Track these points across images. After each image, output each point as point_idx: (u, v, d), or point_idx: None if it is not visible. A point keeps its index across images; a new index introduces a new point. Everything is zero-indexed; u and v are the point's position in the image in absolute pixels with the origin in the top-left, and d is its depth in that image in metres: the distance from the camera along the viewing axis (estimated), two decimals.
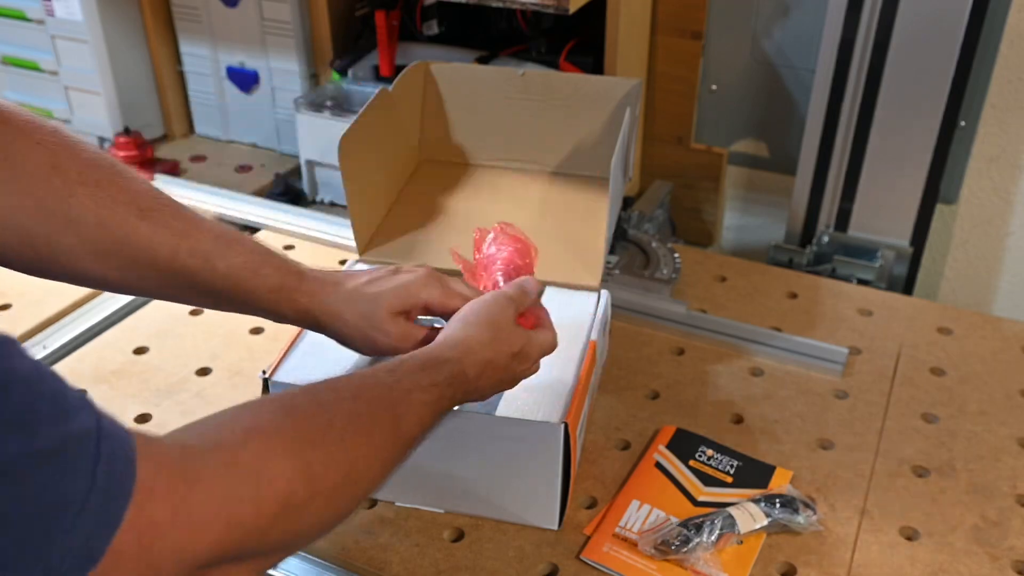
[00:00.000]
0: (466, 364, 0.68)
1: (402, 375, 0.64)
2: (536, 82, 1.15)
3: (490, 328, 0.72)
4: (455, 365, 0.67)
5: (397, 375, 0.64)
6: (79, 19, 1.49)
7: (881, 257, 1.26)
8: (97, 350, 1.08)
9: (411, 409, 0.62)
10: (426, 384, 0.64)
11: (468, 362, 0.69)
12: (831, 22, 1.18)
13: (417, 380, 0.64)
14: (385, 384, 0.62)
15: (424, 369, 0.65)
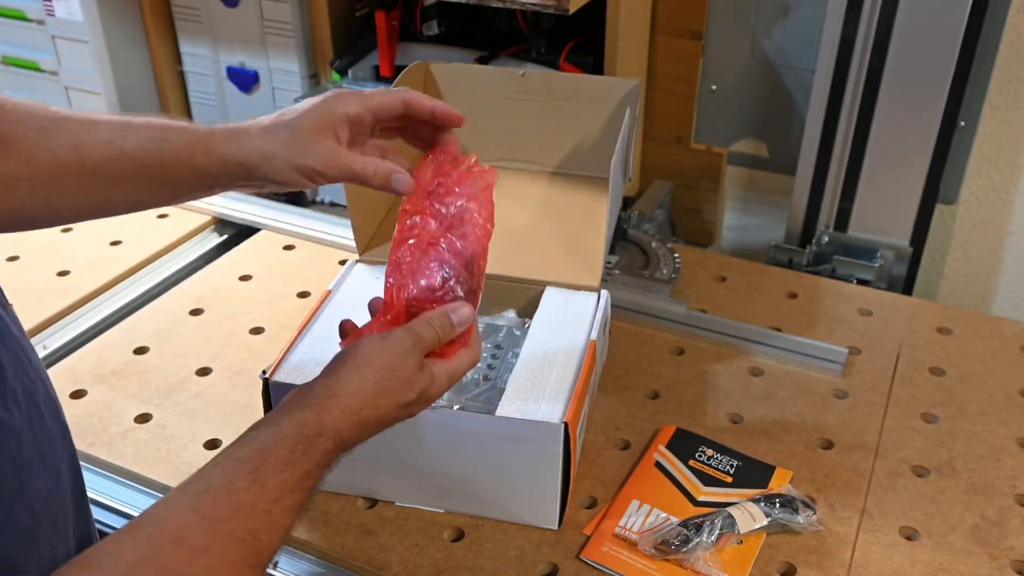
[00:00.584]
0: (344, 429, 0.62)
1: (267, 476, 0.56)
2: (536, 82, 1.15)
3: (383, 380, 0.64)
4: (329, 440, 0.61)
5: (261, 480, 0.56)
6: (79, 19, 1.49)
7: (881, 257, 1.26)
8: (97, 350, 1.08)
9: (275, 526, 0.56)
10: (295, 481, 0.57)
11: (346, 426, 0.62)
12: (831, 22, 1.18)
13: (284, 480, 0.57)
14: (246, 504, 0.55)
15: (292, 462, 0.58)
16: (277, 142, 0.69)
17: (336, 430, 0.61)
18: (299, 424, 0.60)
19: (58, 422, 0.56)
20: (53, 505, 0.53)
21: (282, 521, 0.56)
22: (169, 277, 1.24)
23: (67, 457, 0.56)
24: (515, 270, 0.99)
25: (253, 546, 0.54)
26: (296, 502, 0.57)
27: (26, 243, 1.27)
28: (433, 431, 0.81)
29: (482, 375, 0.91)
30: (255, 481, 0.56)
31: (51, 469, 0.53)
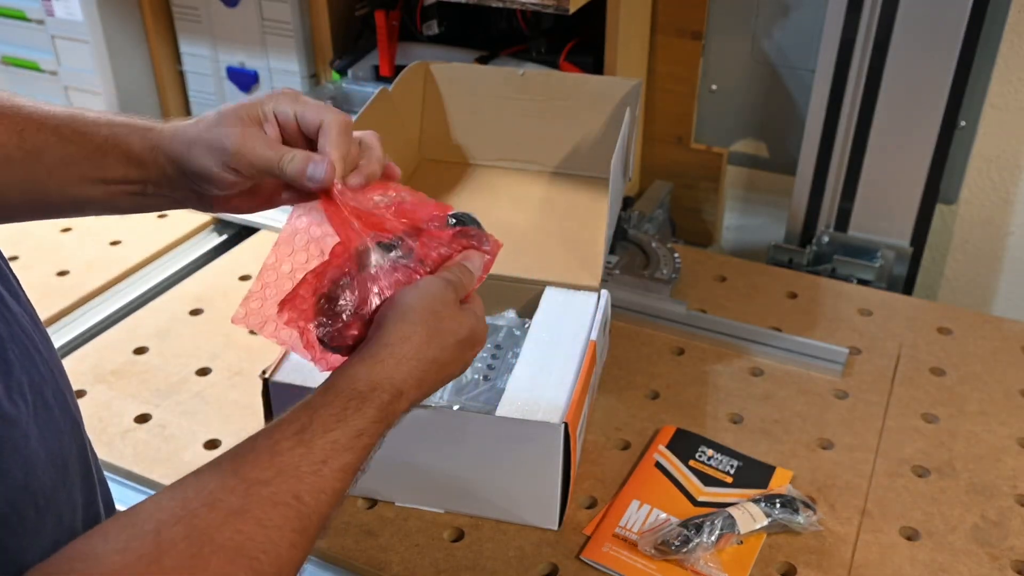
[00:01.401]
0: (401, 379, 0.59)
1: (315, 436, 0.53)
2: (536, 82, 1.15)
3: (430, 321, 0.61)
4: (386, 392, 0.57)
5: (307, 440, 0.53)
6: (79, 19, 1.49)
7: (881, 257, 1.26)
8: (97, 350, 1.08)
9: (323, 488, 0.52)
10: (347, 439, 0.54)
11: (403, 375, 0.59)
12: (831, 22, 1.18)
13: (335, 440, 0.54)
14: (290, 466, 0.52)
15: (343, 420, 0.55)
16: (202, 126, 0.65)
17: (391, 380, 0.58)
18: (350, 380, 0.57)
19: (68, 416, 0.55)
20: (59, 500, 0.53)
21: (332, 483, 0.53)
22: (169, 277, 1.24)
23: (76, 451, 0.56)
24: (515, 270, 0.99)
25: (297, 509, 0.51)
26: (348, 463, 0.54)
27: (26, 243, 1.27)
28: (433, 431, 0.81)
29: (482, 375, 0.91)
30: (301, 442, 0.53)
31: (58, 464, 0.53)
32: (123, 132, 0.66)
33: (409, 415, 0.66)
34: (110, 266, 1.23)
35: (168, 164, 0.66)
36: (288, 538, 0.50)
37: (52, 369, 0.55)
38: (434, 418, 0.81)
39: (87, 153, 0.66)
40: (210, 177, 0.64)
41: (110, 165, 0.66)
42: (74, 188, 0.67)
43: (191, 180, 0.66)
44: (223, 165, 0.63)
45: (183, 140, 0.65)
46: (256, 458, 0.52)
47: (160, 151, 0.66)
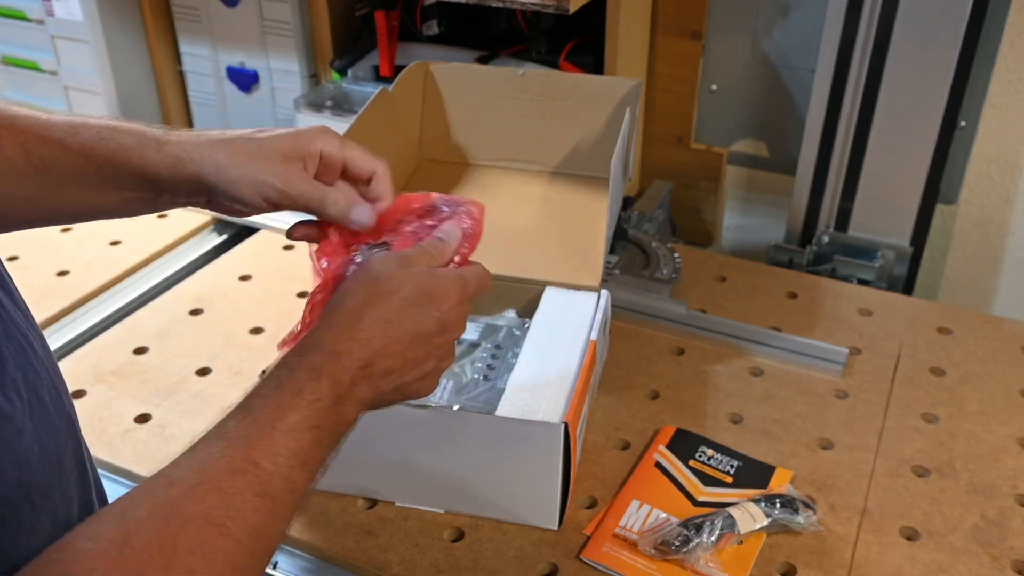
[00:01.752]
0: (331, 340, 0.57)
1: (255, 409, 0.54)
2: (536, 82, 1.15)
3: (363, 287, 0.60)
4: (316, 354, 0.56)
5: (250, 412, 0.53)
6: (79, 19, 1.49)
7: (881, 257, 1.26)
8: (97, 350, 1.08)
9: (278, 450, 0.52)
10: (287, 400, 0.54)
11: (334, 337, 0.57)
12: (831, 22, 1.18)
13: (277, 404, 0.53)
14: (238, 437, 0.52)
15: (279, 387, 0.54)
16: (240, 154, 0.66)
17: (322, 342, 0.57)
18: (283, 360, 0.57)
19: (62, 413, 0.55)
20: (54, 498, 0.53)
21: (286, 443, 0.52)
22: (169, 277, 1.24)
23: (71, 449, 0.56)
24: (515, 270, 0.99)
25: (256, 474, 0.51)
26: (297, 421, 0.53)
27: (26, 243, 1.27)
28: (433, 431, 0.81)
29: (482, 375, 0.91)
30: (244, 417, 0.53)
31: (53, 461, 0.53)
32: (132, 144, 0.66)
33: (409, 415, 0.66)
34: (110, 266, 1.23)
35: (189, 178, 0.67)
36: (251, 503, 0.50)
37: (47, 367, 0.55)
38: (434, 418, 0.81)
39: (97, 166, 0.66)
40: (245, 203, 0.67)
41: (124, 178, 0.67)
42: (87, 197, 0.67)
43: (212, 198, 0.68)
44: (263, 197, 0.66)
45: (215, 163, 0.66)
46: (206, 442, 0.53)
47: (184, 166, 0.66)
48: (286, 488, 0.52)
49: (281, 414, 0.53)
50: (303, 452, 0.53)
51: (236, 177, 0.65)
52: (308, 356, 0.56)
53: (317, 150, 0.68)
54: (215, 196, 0.68)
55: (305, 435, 0.53)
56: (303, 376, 0.55)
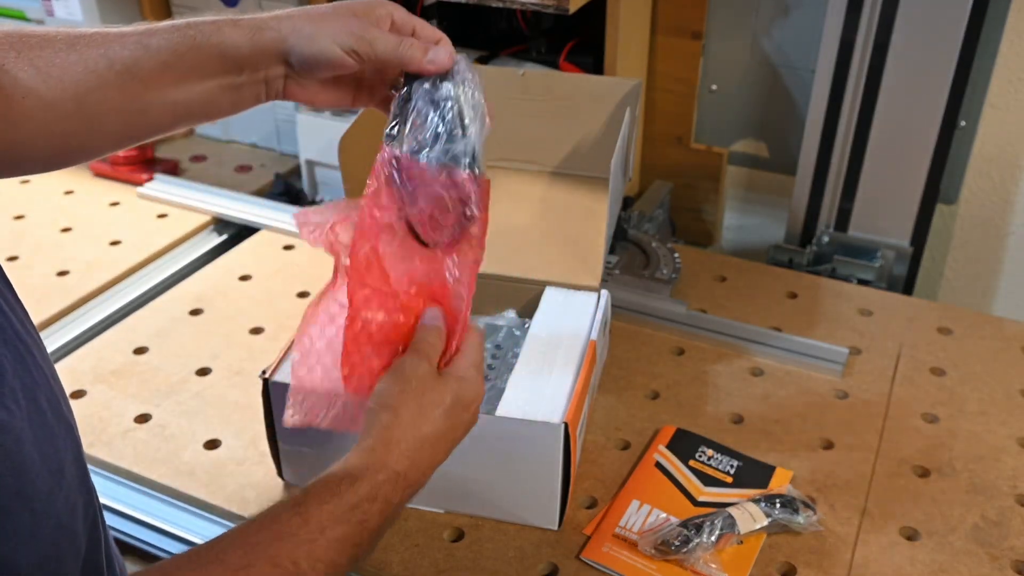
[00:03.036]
0: (392, 462, 0.61)
1: (309, 508, 0.57)
2: (536, 82, 1.15)
3: (409, 401, 0.63)
4: (377, 473, 0.60)
5: (304, 511, 0.56)
6: (79, 19, 1.49)
7: (881, 257, 1.26)
8: (97, 350, 1.08)
9: (319, 557, 0.56)
10: (342, 512, 0.57)
11: (396, 456, 0.61)
12: (831, 22, 1.18)
13: (330, 511, 0.57)
14: (288, 532, 0.55)
15: (337, 494, 0.58)
16: (314, 14, 0.67)
17: (383, 462, 0.61)
18: (344, 464, 0.61)
19: (61, 419, 0.56)
20: (56, 504, 0.53)
21: (327, 553, 0.56)
22: (169, 277, 1.24)
23: (72, 454, 0.56)
24: (515, 270, 0.99)
25: (292, 572, 0.54)
26: (344, 535, 0.57)
27: (26, 243, 1.27)
28: None
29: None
30: (298, 512, 0.56)
31: (53, 468, 0.53)
32: (209, 26, 0.67)
33: None
34: (110, 266, 1.23)
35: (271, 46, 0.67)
36: None
37: (45, 373, 0.55)
38: None
39: (179, 55, 0.67)
40: (325, 58, 0.66)
41: (206, 61, 0.67)
42: (172, 95, 0.68)
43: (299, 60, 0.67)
44: (342, 47, 0.66)
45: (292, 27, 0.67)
46: (258, 525, 0.56)
47: (263, 34, 0.67)
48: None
49: (332, 524, 0.57)
50: (339, 566, 0.57)
51: (313, 32, 0.66)
52: (371, 473, 0.60)
53: (387, 13, 0.69)
54: (294, 59, 0.67)
55: (345, 551, 0.57)
56: (363, 491, 0.59)
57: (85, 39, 0.66)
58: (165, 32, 0.67)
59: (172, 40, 0.67)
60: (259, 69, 0.68)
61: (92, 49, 0.66)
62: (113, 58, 0.66)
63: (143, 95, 0.67)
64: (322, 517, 0.56)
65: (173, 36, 0.67)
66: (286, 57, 0.67)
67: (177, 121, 0.71)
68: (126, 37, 0.67)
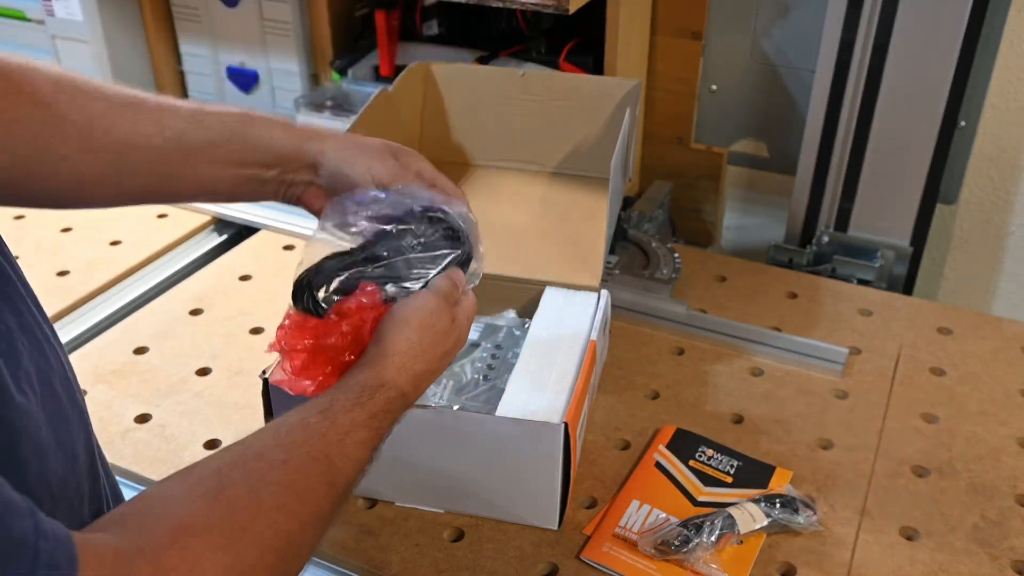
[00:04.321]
0: (402, 383, 0.66)
1: (337, 414, 0.61)
2: (536, 82, 1.15)
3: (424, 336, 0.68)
4: (391, 390, 0.65)
5: (331, 416, 0.61)
6: (79, 19, 1.49)
7: (881, 257, 1.26)
8: (97, 350, 1.08)
9: (347, 455, 0.60)
10: (363, 419, 0.62)
11: (404, 380, 0.66)
12: (831, 22, 1.18)
13: (353, 417, 0.62)
14: (318, 433, 0.60)
15: (360, 403, 0.63)
16: (357, 142, 0.74)
17: (395, 382, 0.65)
18: (362, 378, 0.64)
19: (75, 405, 0.57)
20: (69, 488, 0.54)
21: (355, 451, 0.60)
22: (169, 277, 1.24)
23: (84, 440, 0.58)
24: (515, 270, 0.99)
25: (327, 466, 0.58)
26: (366, 438, 0.61)
27: (26, 243, 1.27)
28: (433, 431, 0.81)
29: (482, 375, 0.91)
30: (326, 417, 0.60)
31: (68, 452, 0.54)
32: (263, 124, 0.73)
33: (409, 415, 0.67)
34: (110, 266, 1.23)
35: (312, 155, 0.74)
36: (323, 490, 0.57)
37: (60, 359, 0.58)
38: (434, 418, 0.81)
39: (227, 138, 0.72)
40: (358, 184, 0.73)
41: (249, 153, 0.72)
42: (206, 170, 0.72)
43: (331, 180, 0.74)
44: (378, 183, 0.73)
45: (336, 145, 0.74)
46: (290, 428, 0.59)
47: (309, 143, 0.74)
48: (347, 488, 0.60)
49: (356, 428, 0.61)
50: (362, 460, 0.61)
51: (353, 159, 0.74)
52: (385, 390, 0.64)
53: (418, 167, 0.76)
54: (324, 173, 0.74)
55: (367, 452, 0.62)
56: (380, 403, 0.63)
57: (138, 100, 0.70)
58: (220, 114, 0.72)
59: (226, 123, 0.72)
60: (290, 171, 0.74)
61: (145, 113, 0.70)
62: (164, 123, 0.70)
63: (179, 165, 0.71)
64: (347, 422, 0.61)
65: (227, 120, 0.72)
66: (320, 167, 0.74)
67: (198, 196, 0.76)
68: (180, 109, 0.72)
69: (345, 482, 0.60)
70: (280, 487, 0.55)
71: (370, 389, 0.64)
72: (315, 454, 0.58)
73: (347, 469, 0.60)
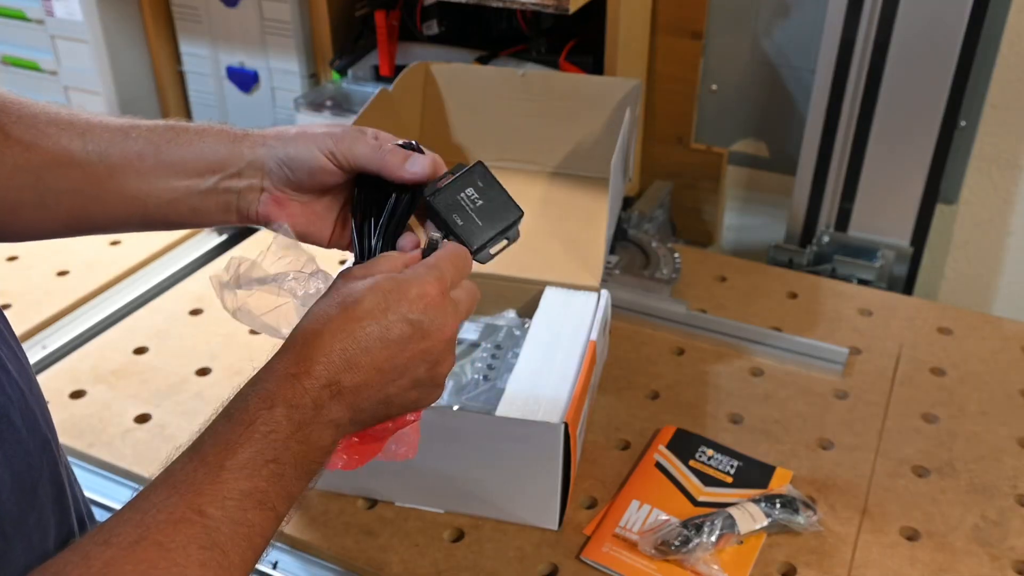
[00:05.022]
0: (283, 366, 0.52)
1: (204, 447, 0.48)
2: (536, 82, 1.15)
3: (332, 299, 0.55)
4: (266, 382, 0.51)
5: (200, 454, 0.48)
6: (79, 19, 1.49)
7: (881, 257, 1.26)
8: (97, 350, 1.08)
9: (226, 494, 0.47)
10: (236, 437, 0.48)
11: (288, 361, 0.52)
12: (831, 22, 1.18)
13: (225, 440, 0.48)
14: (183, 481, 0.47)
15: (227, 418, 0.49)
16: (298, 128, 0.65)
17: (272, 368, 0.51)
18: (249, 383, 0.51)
19: (37, 435, 0.52)
20: (28, 523, 0.50)
21: (238, 484, 0.47)
22: (169, 277, 1.24)
23: (47, 472, 0.53)
24: (515, 270, 0.99)
25: (202, 524, 0.45)
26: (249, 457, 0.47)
27: (26, 243, 1.27)
28: (433, 431, 0.81)
29: (482, 375, 0.91)
30: (193, 457, 0.48)
31: (26, 487, 0.50)
32: (193, 128, 0.66)
33: None
34: (110, 266, 1.23)
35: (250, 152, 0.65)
36: (196, 556, 0.44)
37: (21, 387, 0.52)
38: (434, 418, 0.81)
39: (156, 146, 0.64)
40: (308, 163, 0.63)
41: (178, 161, 0.64)
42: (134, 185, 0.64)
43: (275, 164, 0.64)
44: (327, 151, 0.62)
45: (276, 136, 0.65)
46: (151, 490, 0.48)
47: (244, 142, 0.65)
48: (238, 534, 0.46)
49: (230, 451, 0.48)
50: (259, 491, 0.47)
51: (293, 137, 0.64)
52: (260, 385, 0.51)
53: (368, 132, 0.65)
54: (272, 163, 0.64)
55: (260, 471, 0.48)
56: (255, 406, 0.49)
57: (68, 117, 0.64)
58: (150, 125, 0.65)
59: (154, 132, 0.64)
60: (231, 176, 0.64)
61: (71, 128, 0.63)
62: (88, 140, 0.63)
63: (105, 182, 0.63)
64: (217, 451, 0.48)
65: (156, 129, 0.64)
66: (267, 164, 0.64)
67: (131, 217, 0.66)
68: (109, 124, 0.64)
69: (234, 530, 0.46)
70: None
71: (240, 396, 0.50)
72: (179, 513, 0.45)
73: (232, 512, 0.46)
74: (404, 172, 0.62)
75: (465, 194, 0.63)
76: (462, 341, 0.96)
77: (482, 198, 0.63)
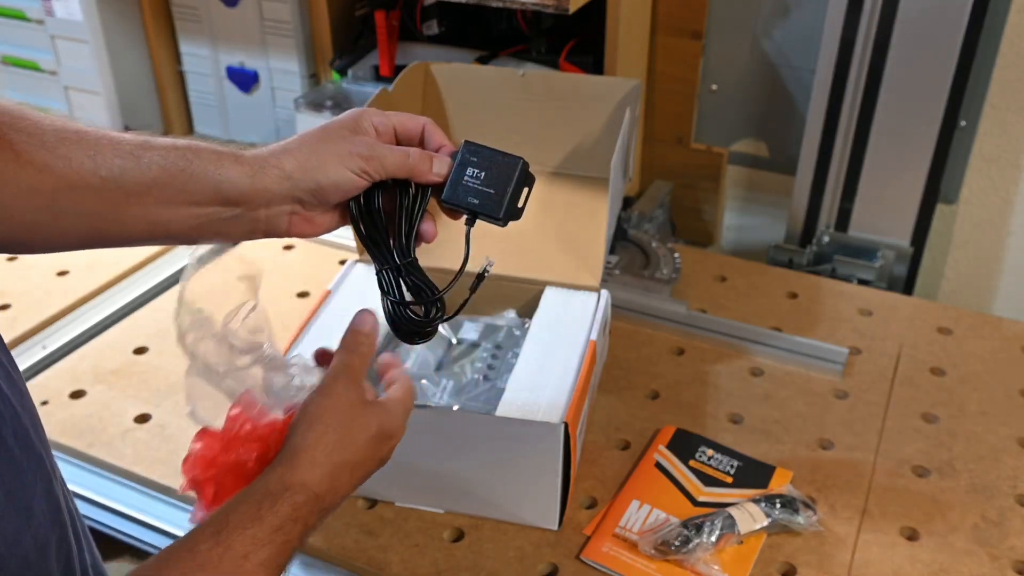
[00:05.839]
0: (313, 481, 0.59)
1: (232, 535, 0.54)
2: (536, 82, 1.15)
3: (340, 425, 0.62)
4: (298, 493, 0.58)
5: (225, 539, 0.54)
6: (79, 19, 1.49)
7: (881, 257, 1.26)
8: (97, 350, 1.08)
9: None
10: (265, 535, 0.55)
11: (316, 478, 0.60)
12: (831, 22, 1.18)
13: (253, 535, 0.55)
14: (211, 563, 0.53)
15: (258, 517, 0.56)
16: (310, 143, 0.66)
17: (303, 483, 0.59)
18: (264, 483, 0.59)
19: (31, 452, 0.53)
20: (23, 544, 0.51)
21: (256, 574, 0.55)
22: (169, 277, 1.24)
23: (41, 488, 0.54)
24: (515, 270, 0.99)
25: None
26: (269, 557, 0.55)
27: None
28: (433, 431, 0.81)
29: (482, 375, 0.91)
30: (219, 542, 0.54)
31: (20, 506, 0.51)
32: (209, 154, 0.65)
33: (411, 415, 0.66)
34: (110, 266, 1.23)
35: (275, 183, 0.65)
36: None
37: (14, 404, 0.53)
38: (434, 418, 0.81)
39: (171, 175, 0.64)
40: (342, 188, 0.66)
41: (199, 189, 0.65)
42: (155, 211, 0.65)
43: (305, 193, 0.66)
44: (352, 170, 0.65)
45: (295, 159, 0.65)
46: (176, 562, 0.52)
47: (265, 171, 0.65)
48: None
49: (256, 547, 0.55)
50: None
51: (318, 163, 0.65)
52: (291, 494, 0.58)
53: (370, 123, 0.67)
54: (305, 195, 0.66)
55: (272, 572, 0.56)
56: (284, 512, 0.57)
57: (76, 135, 0.63)
58: (162, 149, 0.64)
59: (168, 159, 0.64)
60: (257, 207, 0.66)
61: (80, 149, 0.62)
62: (100, 163, 0.62)
63: (123, 207, 0.64)
64: (245, 542, 0.55)
65: (169, 155, 0.64)
66: (295, 195, 0.66)
67: (153, 237, 0.68)
68: (120, 144, 0.63)
69: None
70: None
71: (272, 496, 0.57)
72: None
73: None
74: (432, 176, 0.67)
75: (468, 175, 0.66)
76: (463, 341, 0.96)
77: (483, 170, 0.66)
